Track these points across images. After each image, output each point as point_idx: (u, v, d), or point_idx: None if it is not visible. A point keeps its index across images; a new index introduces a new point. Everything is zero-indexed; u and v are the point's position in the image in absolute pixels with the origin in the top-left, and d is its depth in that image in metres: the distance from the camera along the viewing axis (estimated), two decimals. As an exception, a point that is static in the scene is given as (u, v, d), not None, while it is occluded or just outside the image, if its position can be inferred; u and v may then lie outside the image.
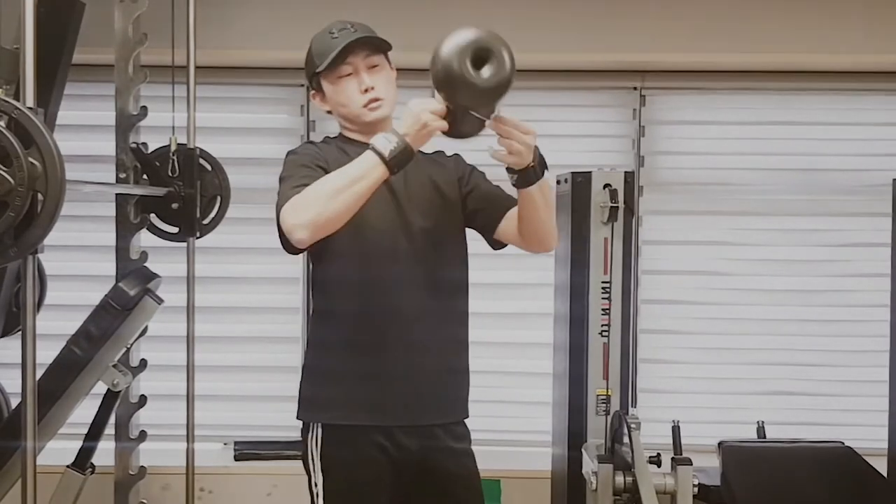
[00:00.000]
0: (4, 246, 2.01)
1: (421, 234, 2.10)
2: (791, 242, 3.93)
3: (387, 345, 2.09)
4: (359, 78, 2.08)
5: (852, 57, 3.70)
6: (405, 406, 2.10)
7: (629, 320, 3.05)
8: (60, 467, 2.91)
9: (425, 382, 2.12)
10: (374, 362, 2.09)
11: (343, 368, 2.10)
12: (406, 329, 2.09)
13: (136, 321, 2.90)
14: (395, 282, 2.08)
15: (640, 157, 3.91)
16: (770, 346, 3.93)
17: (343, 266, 2.09)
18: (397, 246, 2.09)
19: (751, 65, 3.83)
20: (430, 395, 2.13)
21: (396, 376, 2.10)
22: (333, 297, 2.13)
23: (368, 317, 2.09)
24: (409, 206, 2.10)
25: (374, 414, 2.09)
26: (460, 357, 2.20)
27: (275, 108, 3.98)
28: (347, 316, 2.10)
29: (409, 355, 2.10)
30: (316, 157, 2.07)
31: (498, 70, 1.82)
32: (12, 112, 1.98)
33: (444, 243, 2.15)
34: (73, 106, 3.41)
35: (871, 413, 3.72)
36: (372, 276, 2.08)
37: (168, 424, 3.59)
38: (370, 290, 2.08)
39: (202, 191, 3.30)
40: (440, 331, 2.14)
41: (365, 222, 2.01)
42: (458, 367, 2.20)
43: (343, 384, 2.10)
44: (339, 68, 2.07)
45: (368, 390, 2.09)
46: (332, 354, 2.13)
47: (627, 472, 2.69)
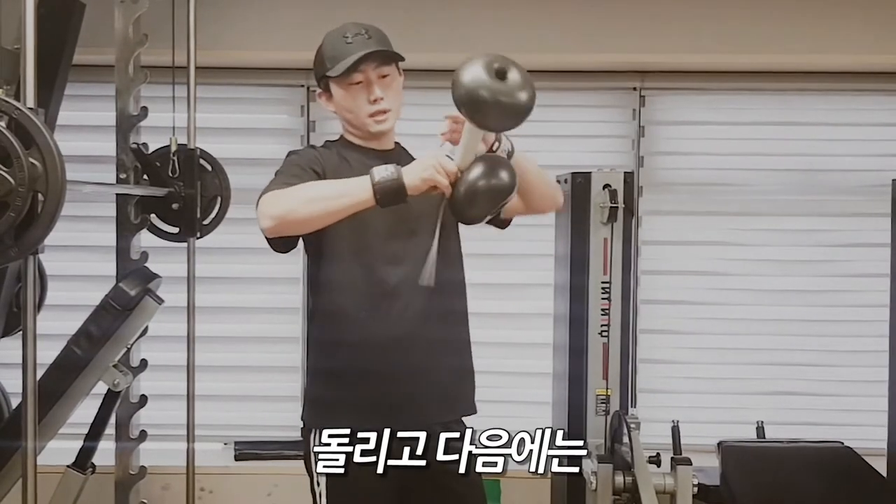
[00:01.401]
0: (5, 246, 2.02)
1: (419, 234, 2.09)
2: (791, 242, 3.93)
3: (386, 346, 2.08)
4: (369, 88, 2.08)
5: (852, 57, 3.70)
6: (406, 407, 2.10)
7: (629, 320, 3.05)
8: (60, 467, 2.91)
9: (424, 382, 2.12)
10: (372, 364, 2.08)
11: (341, 371, 2.10)
12: (405, 329, 2.08)
13: (136, 321, 2.90)
14: (394, 282, 2.07)
15: (640, 157, 3.91)
16: (770, 346, 3.93)
17: (340, 265, 2.09)
18: (396, 245, 2.08)
19: (751, 65, 3.83)
20: (430, 394, 2.13)
21: (396, 377, 2.09)
22: (330, 296, 2.12)
23: (364, 317, 2.08)
24: (407, 207, 2.10)
25: (375, 417, 2.08)
26: (462, 355, 2.20)
27: (275, 109, 3.98)
28: (344, 317, 2.10)
29: (408, 356, 2.09)
30: (312, 162, 2.08)
31: (526, 86, 1.84)
32: (13, 112, 1.99)
33: (443, 242, 2.14)
34: (74, 106, 3.42)
35: (871, 413, 3.72)
36: (368, 276, 2.08)
37: (168, 424, 3.60)
38: (366, 289, 2.08)
39: (202, 191, 3.30)
40: (440, 330, 2.13)
41: (364, 222, 2.01)
42: (461, 366, 2.20)
43: (343, 387, 2.10)
44: (350, 76, 2.08)
45: (369, 393, 2.09)
46: (330, 356, 2.13)
47: (627, 472, 2.69)
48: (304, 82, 3.89)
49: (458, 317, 2.20)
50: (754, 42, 3.64)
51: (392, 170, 1.86)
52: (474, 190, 1.84)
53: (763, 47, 3.65)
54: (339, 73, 2.06)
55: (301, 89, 3.89)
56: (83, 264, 3.83)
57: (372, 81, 2.08)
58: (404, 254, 2.08)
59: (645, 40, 3.64)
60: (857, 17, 3.60)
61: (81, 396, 2.84)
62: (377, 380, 2.09)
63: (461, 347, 2.20)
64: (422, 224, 2.06)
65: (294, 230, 1.96)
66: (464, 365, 2.21)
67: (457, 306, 2.20)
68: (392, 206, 1.88)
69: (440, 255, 2.07)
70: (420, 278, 1.95)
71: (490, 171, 1.85)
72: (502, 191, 1.86)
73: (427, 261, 1.95)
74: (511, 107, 1.82)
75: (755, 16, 3.62)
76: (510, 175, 1.86)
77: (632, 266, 3.08)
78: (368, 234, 2.06)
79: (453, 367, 2.18)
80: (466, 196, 1.85)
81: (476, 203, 1.86)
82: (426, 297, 2.09)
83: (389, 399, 2.09)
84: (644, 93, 3.91)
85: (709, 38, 3.64)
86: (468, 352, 2.22)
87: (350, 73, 2.06)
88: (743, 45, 3.65)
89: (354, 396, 2.10)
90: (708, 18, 3.62)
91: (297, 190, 1.92)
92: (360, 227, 2.02)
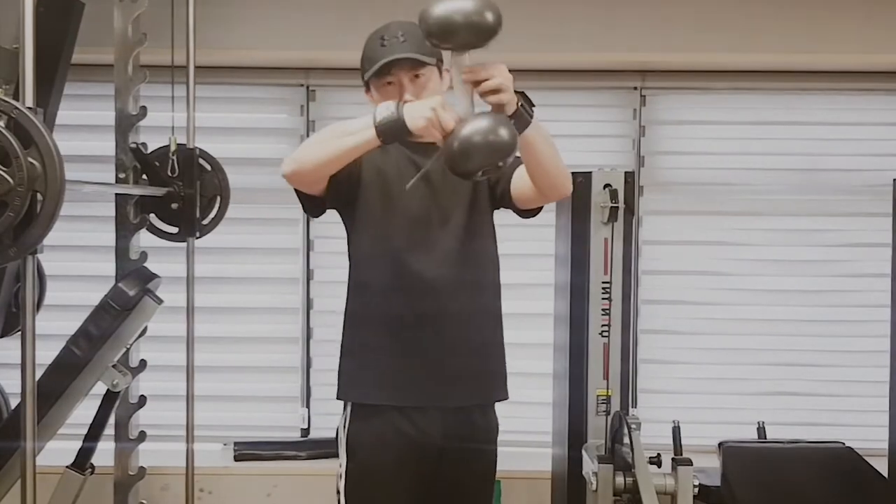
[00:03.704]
0: (4, 246, 2.01)
1: (452, 217, 2.17)
2: (791, 242, 3.93)
3: (416, 325, 2.14)
4: (401, 89, 2.12)
5: (852, 57, 3.70)
6: (432, 387, 2.15)
7: (629, 320, 3.04)
8: (60, 467, 2.90)
9: (453, 365, 2.16)
10: (402, 341, 2.14)
11: (371, 346, 2.17)
12: (437, 309, 2.14)
13: (135, 321, 2.90)
14: (425, 260, 2.14)
15: (641, 157, 3.91)
16: (770, 346, 3.93)
17: (375, 241, 2.16)
18: (430, 226, 2.15)
19: (751, 65, 3.83)
20: (458, 375, 2.17)
21: (425, 356, 2.14)
22: (364, 275, 2.19)
23: (396, 294, 2.14)
24: (442, 187, 2.16)
25: (399, 393, 2.14)
26: (494, 341, 2.24)
27: (275, 108, 3.98)
28: (377, 294, 2.16)
29: (439, 336, 2.14)
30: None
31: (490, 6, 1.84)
32: (12, 112, 1.98)
33: (474, 226, 2.19)
34: (73, 106, 3.42)
35: (872, 413, 3.72)
36: (401, 254, 2.14)
37: (168, 425, 3.60)
38: (399, 267, 2.14)
39: (202, 191, 3.29)
40: (472, 314, 2.18)
41: (399, 201, 2.12)
42: (491, 352, 2.23)
43: (370, 362, 2.17)
44: (382, 78, 2.13)
45: (396, 368, 2.15)
46: (361, 332, 2.20)
47: (628, 473, 2.68)
48: (304, 82, 3.89)
49: (491, 308, 2.24)
50: (755, 41, 3.63)
51: (393, 108, 1.92)
52: (469, 143, 1.83)
53: (763, 47, 3.64)
54: (369, 76, 2.14)
55: (301, 89, 3.89)
56: (82, 264, 3.83)
57: (403, 82, 2.12)
58: (436, 233, 2.15)
59: (645, 39, 3.64)
60: (857, 16, 3.60)
61: (80, 397, 2.83)
62: (404, 358, 2.14)
63: (493, 332, 2.24)
64: (454, 210, 2.15)
65: (310, 174, 2.04)
66: (494, 351, 2.24)
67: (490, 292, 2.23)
68: (394, 142, 1.99)
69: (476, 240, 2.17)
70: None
71: (490, 126, 1.83)
72: (499, 148, 1.83)
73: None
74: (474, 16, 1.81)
75: (755, 15, 3.61)
76: (510, 134, 1.84)
77: (632, 266, 3.07)
78: (398, 217, 2.14)
79: (481, 352, 2.21)
80: (461, 149, 1.83)
81: (471, 157, 1.84)
82: (458, 279, 2.15)
83: (415, 379, 2.14)
84: (645, 92, 3.91)
85: (709, 37, 3.63)
86: (500, 337, 2.25)
87: (381, 75, 2.12)
88: (743, 44, 3.64)
89: (384, 371, 2.15)
90: (708, 18, 3.62)
91: (313, 137, 2.08)
92: (394, 204, 2.13)
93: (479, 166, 1.85)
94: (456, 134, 1.84)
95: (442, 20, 1.81)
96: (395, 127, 1.91)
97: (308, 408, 3.93)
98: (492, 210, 2.24)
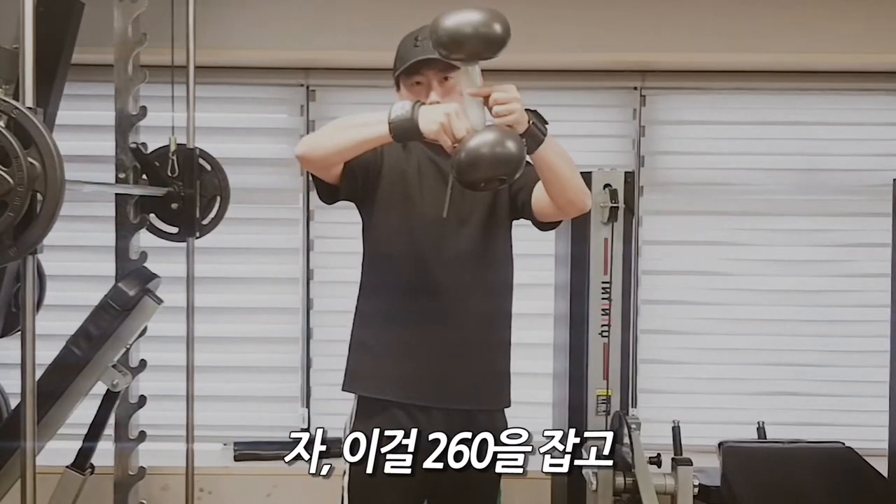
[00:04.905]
0: (4, 246, 2.01)
1: (469, 221, 2.17)
2: (791, 242, 3.92)
3: (424, 323, 2.15)
4: (428, 90, 2.14)
5: (853, 57, 3.70)
6: (437, 386, 2.15)
7: (629, 320, 3.05)
8: (60, 467, 2.91)
9: (459, 367, 2.16)
10: (410, 338, 2.15)
11: (379, 342, 2.18)
12: (446, 312, 2.15)
13: (135, 321, 2.90)
14: (439, 262, 2.15)
15: (641, 157, 3.91)
16: (770, 346, 3.92)
17: (390, 238, 2.17)
18: (446, 228, 2.15)
19: (751, 65, 3.83)
20: (463, 379, 2.17)
21: (431, 357, 2.15)
22: (377, 271, 2.21)
23: (408, 293, 2.15)
24: (462, 190, 2.14)
25: (404, 390, 2.15)
26: (501, 347, 2.25)
27: (275, 108, 3.98)
28: (388, 291, 2.18)
29: (445, 339, 2.15)
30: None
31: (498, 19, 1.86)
32: (11, 112, 1.98)
33: (491, 232, 2.20)
34: (73, 106, 3.41)
35: (872, 413, 3.72)
36: (415, 254, 2.15)
37: (168, 425, 3.60)
38: (412, 266, 2.15)
39: (202, 191, 3.29)
40: (481, 319, 2.19)
41: (417, 200, 2.14)
42: (497, 358, 2.24)
43: (377, 357, 2.18)
44: (411, 77, 2.15)
45: (402, 366, 2.16)
46: (371, 328, 2.21)
47: (628, 473, 2.69)
48: (304, 82, 3.88)
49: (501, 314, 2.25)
50: (755, 41, 3.63)
51: (409, 108, 1.92)
52: (477, 154, 1.84)
53: (763, 46, 3.64)
54: (399, 72, 2.16)
55: (301, 89, 3.89)
56: (82, 264, 3.83)
57: (432, 84, 2.13)
58: (450, 236, 2.15)
59: (645, 39, 3.64)
60: (857, 16, 3.60)
61: (80, 397, 2.83)
62: (411, 355, 2.15)
63: (500, 339, 2.24)
64: (473, 215, 2.17)
65: (321, 159, 2.05)
66: (500, 357, 2.25)
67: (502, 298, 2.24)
68: (407, 141, 2.02)
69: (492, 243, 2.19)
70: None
71: (497, 139, 1.85)
72: (506, 161, 1.84)
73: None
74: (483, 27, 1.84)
75: (755, 15, 3.61)
76: (517, 147, 1.85)
77: (632, 266, 3.07)
78: (415, 216, 2.15)
79: (488, 358, 2.21)
80: (468, 159, 1.85)
81: (477, 167, 1.85)
82: (469, 281, 2.16)
83: (421, 377, 2.15)
84: (645, 92, 3.91)
85: (709, 37, 3.63)
86: (507, 344, 2.25)
87: (410, 75, 2.14)
88: (743, 44, 3.64)
89: (390, 368, 2.16)
90: (708, 17, 3.62)
91: (330, 123, 2.08)
92: (411, 204, 2.15)
93: (485, 177, 1.86)
94: (464, 144, 1.85)
95: (452, 31, 1.83)
96: (408, 127, 1.92)
97: (308, 408, 3.93)
98: (511, 219, 2.24)
